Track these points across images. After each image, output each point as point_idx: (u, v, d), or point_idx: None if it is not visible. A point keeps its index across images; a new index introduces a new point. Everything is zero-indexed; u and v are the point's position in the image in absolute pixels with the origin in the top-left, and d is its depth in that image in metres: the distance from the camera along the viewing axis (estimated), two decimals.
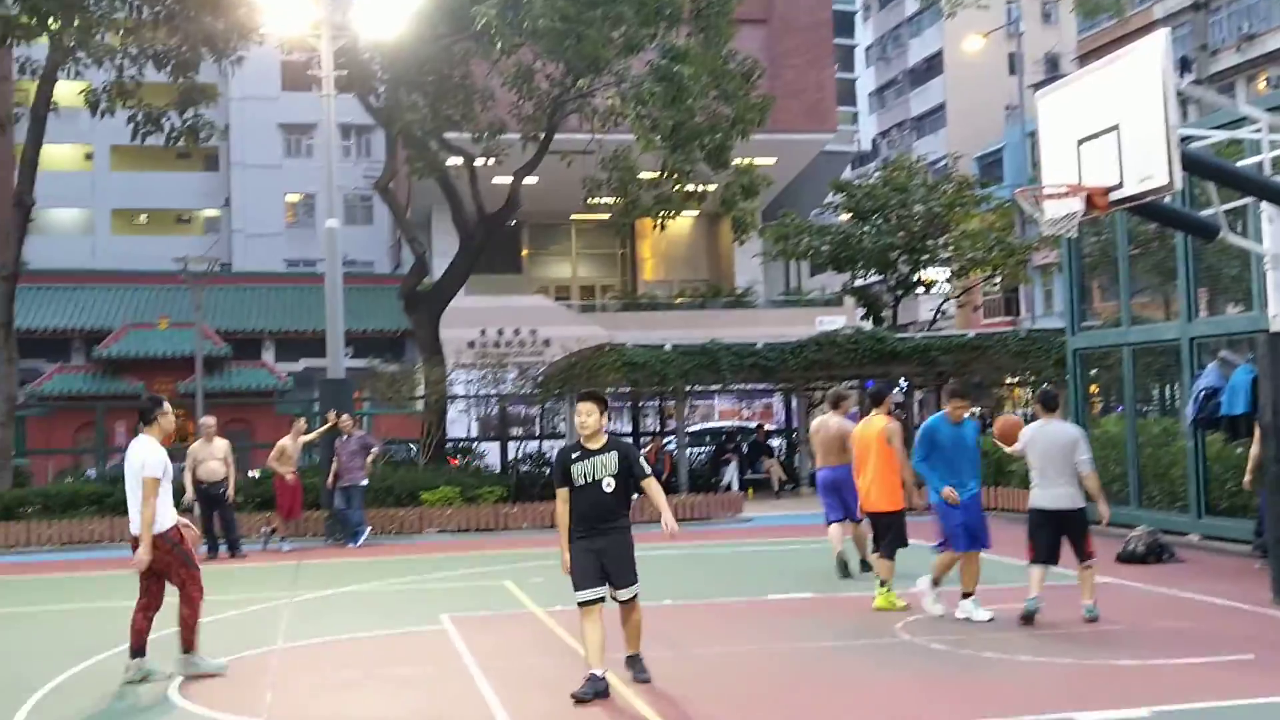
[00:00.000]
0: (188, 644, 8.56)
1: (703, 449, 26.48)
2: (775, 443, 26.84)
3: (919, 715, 6.98)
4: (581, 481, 7.63)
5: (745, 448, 25.68)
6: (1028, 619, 9.58)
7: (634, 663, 7.95)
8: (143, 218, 53.17)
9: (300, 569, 15.11)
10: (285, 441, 17.85)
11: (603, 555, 7.61)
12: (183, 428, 30.30)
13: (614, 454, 7.68)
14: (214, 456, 16.44)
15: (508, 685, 8.05)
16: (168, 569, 8.50)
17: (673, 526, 7.67)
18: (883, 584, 10.71)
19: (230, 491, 16.63)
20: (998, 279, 33.88)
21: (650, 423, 28.62)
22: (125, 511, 8.77)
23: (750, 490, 23.84)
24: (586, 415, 7.72)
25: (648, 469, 7.83)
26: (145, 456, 8.38)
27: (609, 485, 7.61)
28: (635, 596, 7.78)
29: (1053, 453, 9.66)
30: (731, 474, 24.19)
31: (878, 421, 10.96)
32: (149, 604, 8.60)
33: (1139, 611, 10.42)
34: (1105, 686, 7.69)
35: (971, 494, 9.99)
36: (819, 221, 31.52)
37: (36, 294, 35.31)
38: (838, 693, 7.71)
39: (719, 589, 12.34)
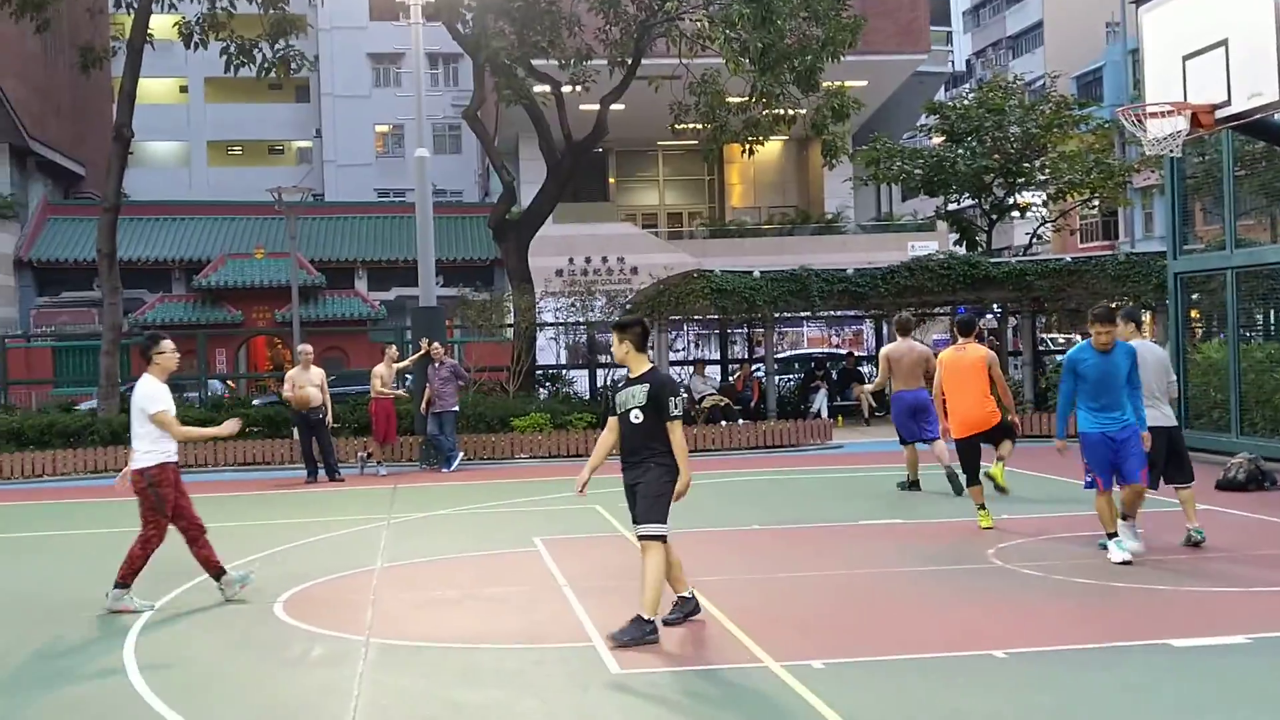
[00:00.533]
0: (123, 577, 8.44)
1: (792, 376, 26.38)
2: (865, 369, 26.62)
3: (1008, 639, 6.95)
4: (619, 410, 7.46)
5: (835, 374, 25.54)
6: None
7: (636, 626, 7.12)
8: (237, 149, 54.00)
9: (396, 493, 15.43)
10: (379, 368, 18.15)
11: (633, 489, 7.43)
12: (279, 355, 31.03)
13: (645, 386, 7.31)
14: (311, 383, 16.77)
15: (600, 605, 8.17)
16: (141, 502, 8.52)
17: (681, 490, 7.30)
18: (981, 507, 10.83)
19: (328, 417, 17.00)
20: (1096, 202, 33.02)
21: (739, 350, 28.52)
22: (236, 438, 9.00)
23: (840, 418, 23.74)
24: (614, 345, 7.60)
25: (675, 410, 7.25)
26: (146, 393, 8.46)
27: (636, 417, 7.31)
28: (653, 538, 7.23)
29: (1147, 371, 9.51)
30: (821, 401, 24.09)
31: (976, 349, 11.04)
32: (190, 538, 8.76)
33: (1239, 539, 10.23)
34: (1203, 614, 7.59)
35: (1125, 425, 9.03)
36: (911, 145, 30.93)
37: (137, 225, 36.13)
38: (925, 616, 7.70)
39: (808, 514, 12.34)
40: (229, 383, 26.93)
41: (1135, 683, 6.17)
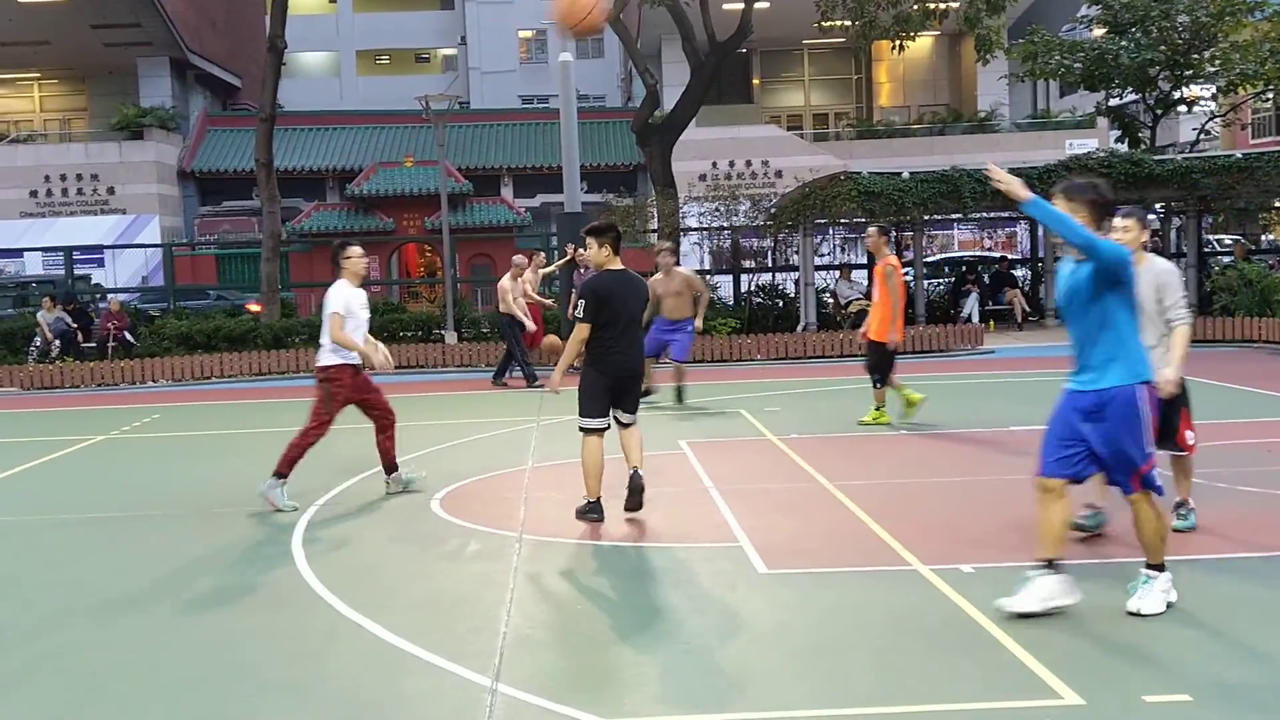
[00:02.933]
0: (280, 468, 8.70)
1: (942, 280, 25.85)
2: (1019, 273, 25.92)
3: (1176, 547, 6.77)
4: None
5: (987, 278, 24.94)
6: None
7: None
8: (384, 58, 54.71)
9: (544, 396, 15.70)
10: (527, 275, 18.37)
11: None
12: (431, 262, 31.63)
13: None
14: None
15: (746, 506, 8.24)
16: (317, 396, 8.86)
17: (552, 386, 8.31)
18: None
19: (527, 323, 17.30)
20: (1270, 95, 31.18)
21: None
22: (381, 341, 9.35)
23: (991, 322, 23.22)
24: (591, 251, 8.11)
25: (577, 313, 8.03)
26: (330, 296, 8.77)
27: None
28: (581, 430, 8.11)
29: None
30: (972, 305, 23.59)
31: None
32: (381, 426, 9.17)
33: None
34: None
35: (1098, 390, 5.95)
36: (1070, 37, 29.56)
37: (292, 135, 37.05)
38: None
39: (956, 419, 12.16)
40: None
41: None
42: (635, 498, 8.01)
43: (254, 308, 22.95)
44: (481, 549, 7.40)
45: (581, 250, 18.44)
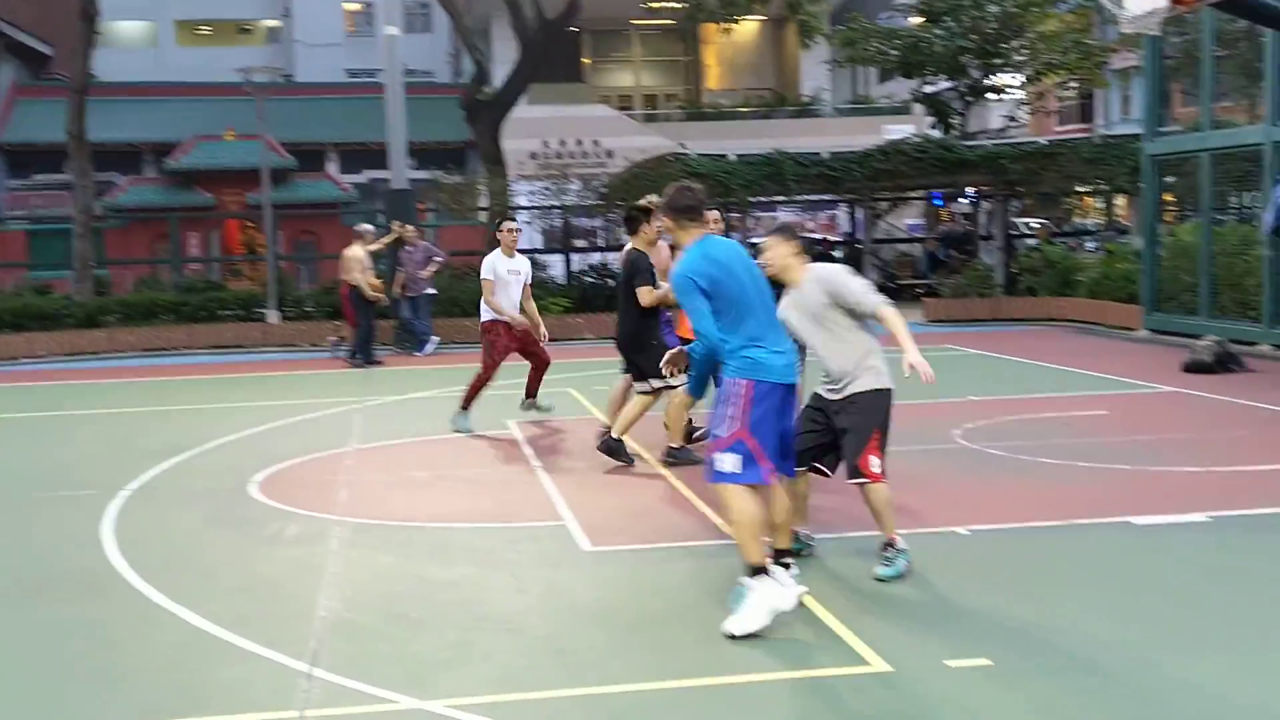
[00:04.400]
0: (465, 402, 10.66)
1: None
2: (837, 254, 26.62)
3: (979, 516, 7.09)
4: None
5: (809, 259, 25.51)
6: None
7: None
8: (205, 29, 52.74)
9: (370, 376, 15.45)
10: (352, 251, 18.02)
11: None
12: (251, 239, 30.72)
13: None
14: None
15: (572, 485, 8.28)
16: (481, 345, 10.72)
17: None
18: None
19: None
20: (1074, 83, 32.73)
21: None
22: (200, 320, 9.13)
23: None
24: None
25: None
26: (483, 264, 10.65)
27: None
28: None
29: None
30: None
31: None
32: (535, 366, 10.94)
33: (1202, 420, 10.41)
34: (1164, 492, 7.75)
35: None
36: (888, 25, 30.44)
37: (107, 107, 35.31)
38: (897, 493, 7.83)
39: None
40: None
41: (1095, 558, 6.33)
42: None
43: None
44: (300, 533, 7.26)
45: (410, 228, 18.20)
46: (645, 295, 8.58)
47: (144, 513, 7.88)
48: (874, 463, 5.95)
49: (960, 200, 27.56)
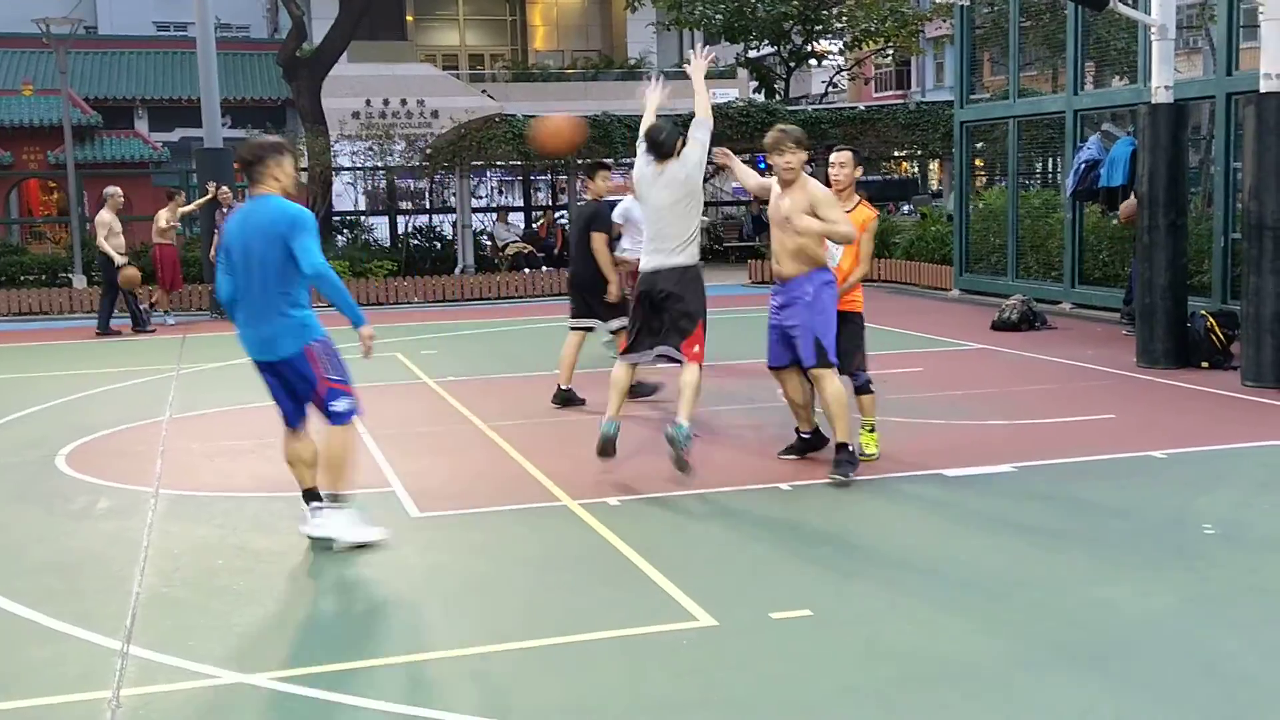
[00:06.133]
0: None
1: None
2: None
3: (797, 473, 7.27)
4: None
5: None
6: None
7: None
8: None
9: (185, 342, 14.92)
10: (163, 213, 17.34)
11: None
12: (61, 201, 29.20)
13: None
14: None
15: (399, 451, 8.17)
16: None
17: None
18: None
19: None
20: (890, 51, 33.61)
21: (543, 197, 28.29)
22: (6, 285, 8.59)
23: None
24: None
25: None
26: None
27: None
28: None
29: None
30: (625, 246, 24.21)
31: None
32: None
33: (1009, 376, 10.88)
34: (972, 445, 8.09)
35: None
36: None
37: None
38: (713, 451, 7.98)
39: (601, 359, 12.49)
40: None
41: (907, 510, 6.57)
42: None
43: None
44: (113, 506, 6.98)
45: (225, 189, 17.58)
46: (599, 241, 9.60)
47: None
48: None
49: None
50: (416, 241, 22.58)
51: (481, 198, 25.23)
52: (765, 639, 4.70)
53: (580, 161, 22.63)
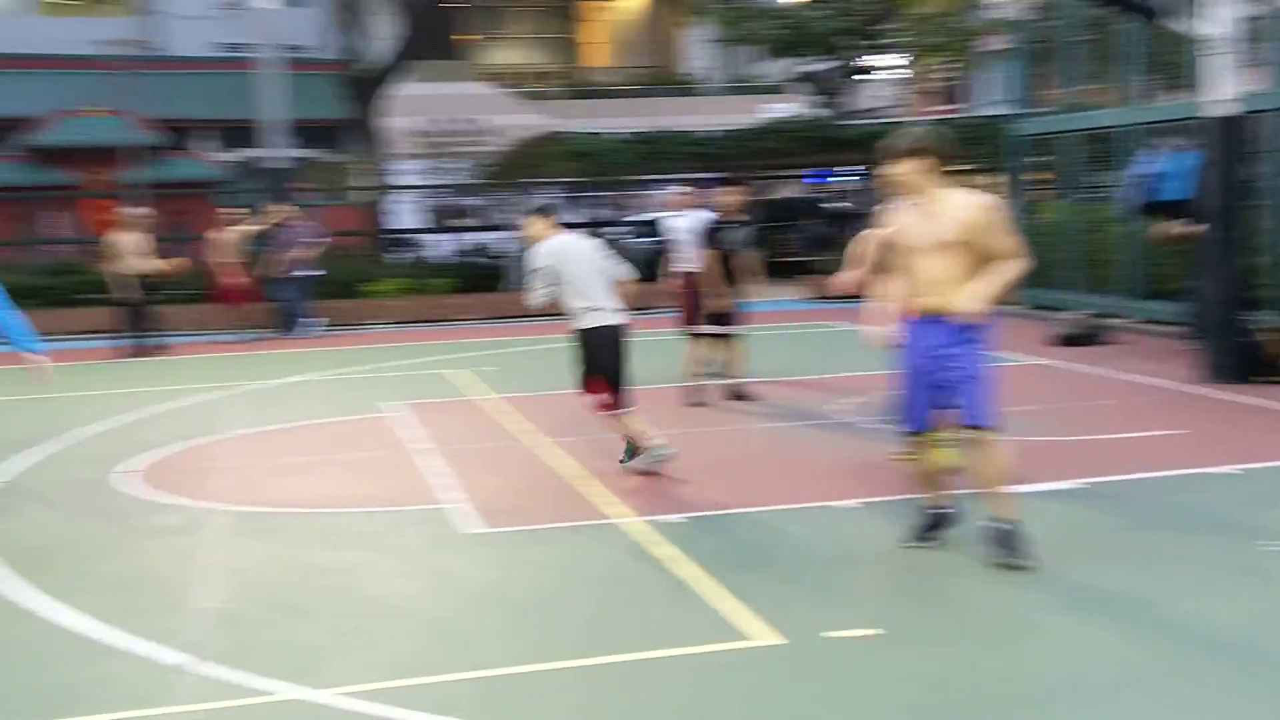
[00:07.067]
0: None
1: (651, 239, 26.38)
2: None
3: (859, 490, 7.21)
4: None
5: None
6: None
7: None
8: None
9: (248, 360, 15.11)
10: (226, 232, 17.58)
11: None
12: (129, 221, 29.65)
13: None
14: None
15: (455, 467, 8.19)
16: None
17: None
18: None
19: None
20: (947, 65, 33.39)
21: (601, 213, 28.36)
22: (67, 305, 8.75)
23: None
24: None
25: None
26: None
27: None
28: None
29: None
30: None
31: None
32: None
33: (1071, 391, 10.73)
34: (1043, 462, 7.95)
35: None
36: (770, 5, 30.67)
37: None
38: (772, 469, 7.93)
39: (660, 375, 12.46)
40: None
41: (978, 526, 6.48)
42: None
43: None
44: (178, 523, 7.05)
45: (286, 208, 17.79)
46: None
47: (12, 507, 7.58)
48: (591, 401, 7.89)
49: (841, 178, 27.91)
50: (476, 258, 22.72)
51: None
52: (832, 658, 4.65)
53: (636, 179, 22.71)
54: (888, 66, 31.36)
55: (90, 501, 7.67)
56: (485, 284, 21.19)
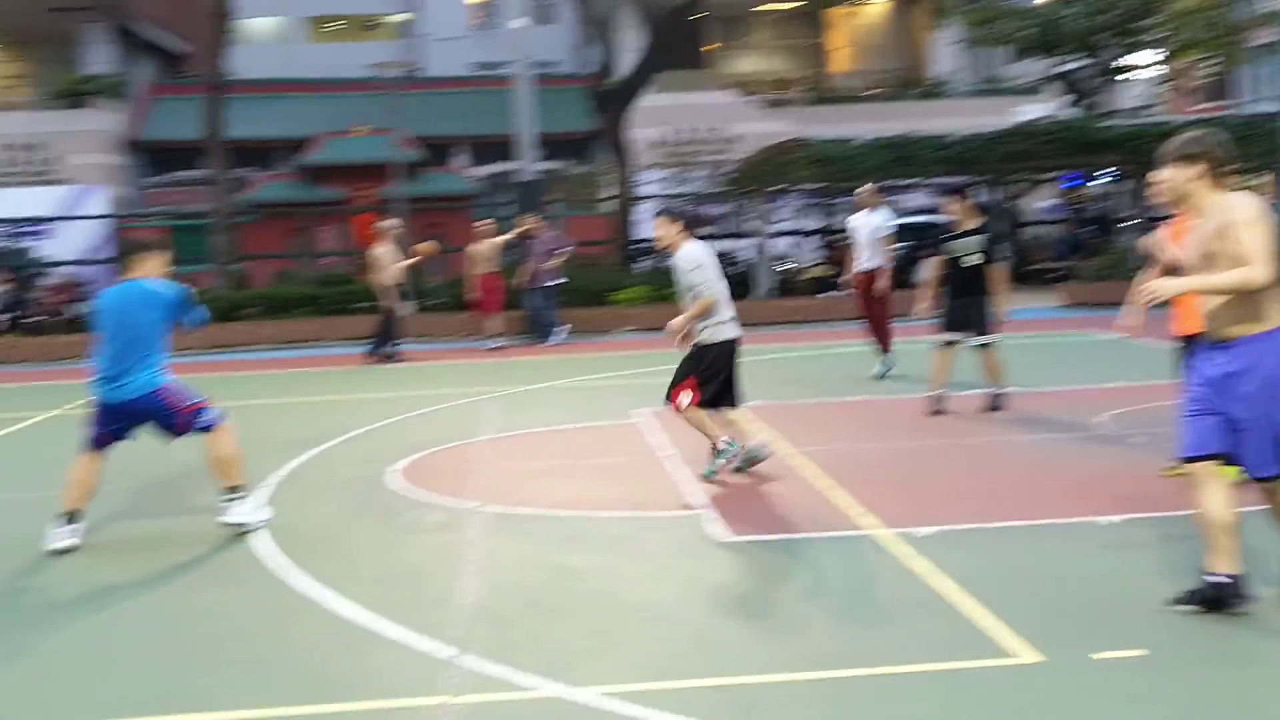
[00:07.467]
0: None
1: (898, 245, 25.91)
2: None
3: (1125, 505, 6.88)
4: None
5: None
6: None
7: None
8: (335, 24, 53.97)
9: (500, 366, 15.66)
10: (485, 244, 18.26)
11: None
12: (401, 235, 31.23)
13: None
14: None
15: (700, 475, 8.25)
16: None
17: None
18: None
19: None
20: (1211, 62, 31.51)
21: (843, 220, 28.07)
22: (334, 313, 9.31)
23: None
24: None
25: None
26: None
27: None
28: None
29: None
30: (926, 271, 23.69)
31: None
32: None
33: None
34: None
35: None
36: (1021, 4, 29.68)
37: (240, 104, 36.35)
38: (1032, 482, 7.65)
39: (914, 386, 12.22)
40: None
41: (1258, 543, 6.07)
42: None
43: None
44: (439, 521, 7.37)
45: (536, 219, 18.37)
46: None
47: (288, 502, 8.07)
48: (682, 398, 8.02)
49: (1096, 180, 26.73)
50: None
51: (781, 221, 25.25)
52: (1093, 679, 4.45)
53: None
54: (1146, 64, 29.82)
55: (358, 498, 8.10)
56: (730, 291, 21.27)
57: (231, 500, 7.13)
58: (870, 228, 12.74)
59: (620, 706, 4.39)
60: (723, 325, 8.13)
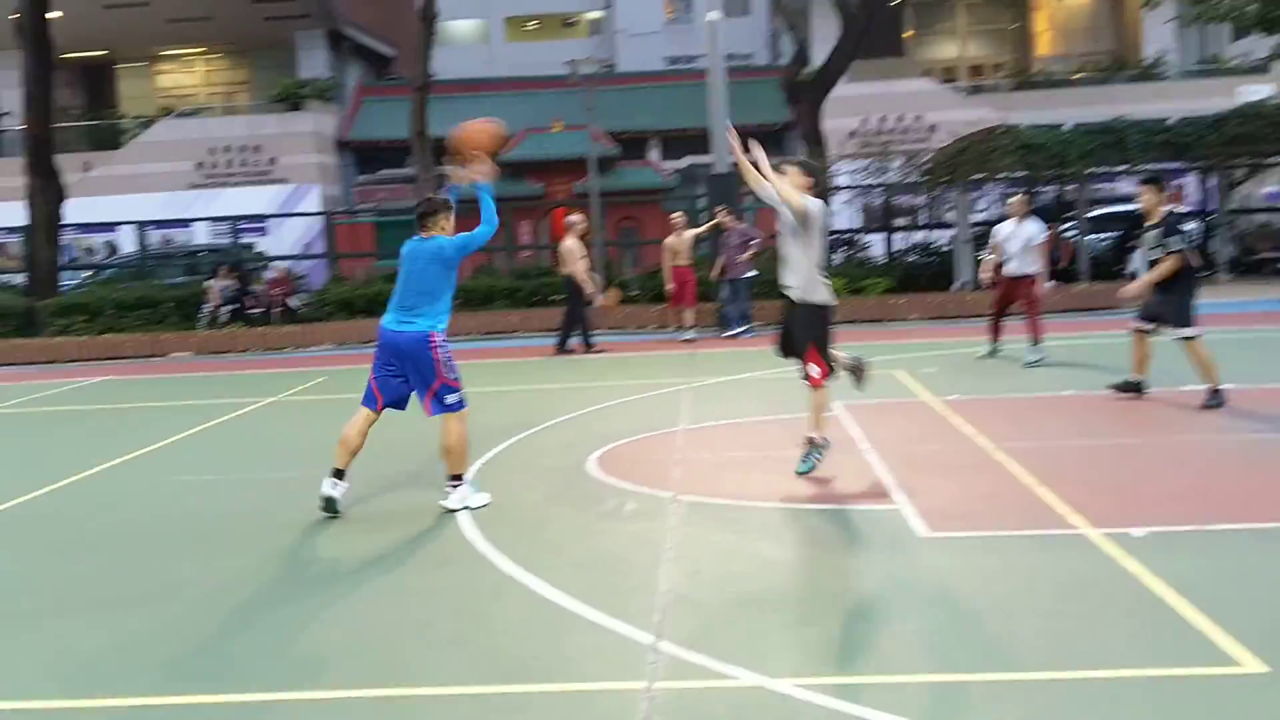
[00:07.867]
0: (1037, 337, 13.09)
1: (1107, 235, 24.96)
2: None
3: None
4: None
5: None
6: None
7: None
8: (532, 24, 55.14)
9: (694, 358, 15.73)
10: (671, 239, 18.38)
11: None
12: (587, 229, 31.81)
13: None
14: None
15: (905, 469, 8.13)
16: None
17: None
18: None
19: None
20: None
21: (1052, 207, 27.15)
22: (533, 305, 9.60)
23: None
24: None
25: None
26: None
27: None
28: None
29: None
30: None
31: None
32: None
33: None
34: None
35: None
36: None
37: (443, 104, 37.57)
38: (1254, 483, 7.25)
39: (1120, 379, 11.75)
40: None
41: None
42: None
43: None
44: (638, 509, 7.46)
45: (728, 211, 18.37)
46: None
47: (493, 487, 8.29)
48: (813, 369, 7.75)
49: None
50: (913, 258, 22.44)
51: (982, 211, 24.62)
52: None
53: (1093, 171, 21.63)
54: None
55: (557, 484, 8.27)
56: (923, 283, 20.86)
57: (455, 486, 7.62)
58: (1022, 237, 12.98)
59: (821, 699, 4.36)
60: (826, 285, 8.10)
